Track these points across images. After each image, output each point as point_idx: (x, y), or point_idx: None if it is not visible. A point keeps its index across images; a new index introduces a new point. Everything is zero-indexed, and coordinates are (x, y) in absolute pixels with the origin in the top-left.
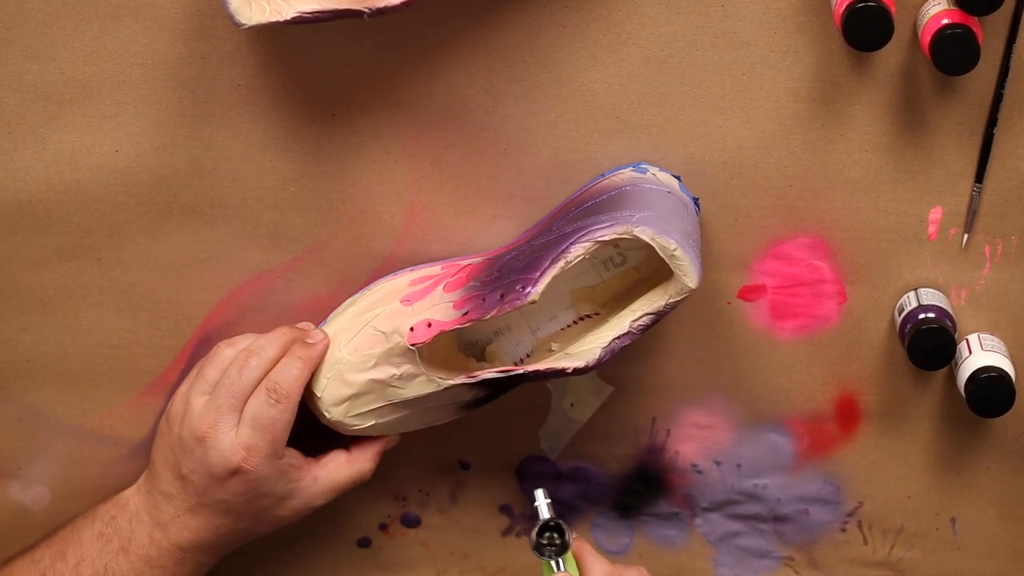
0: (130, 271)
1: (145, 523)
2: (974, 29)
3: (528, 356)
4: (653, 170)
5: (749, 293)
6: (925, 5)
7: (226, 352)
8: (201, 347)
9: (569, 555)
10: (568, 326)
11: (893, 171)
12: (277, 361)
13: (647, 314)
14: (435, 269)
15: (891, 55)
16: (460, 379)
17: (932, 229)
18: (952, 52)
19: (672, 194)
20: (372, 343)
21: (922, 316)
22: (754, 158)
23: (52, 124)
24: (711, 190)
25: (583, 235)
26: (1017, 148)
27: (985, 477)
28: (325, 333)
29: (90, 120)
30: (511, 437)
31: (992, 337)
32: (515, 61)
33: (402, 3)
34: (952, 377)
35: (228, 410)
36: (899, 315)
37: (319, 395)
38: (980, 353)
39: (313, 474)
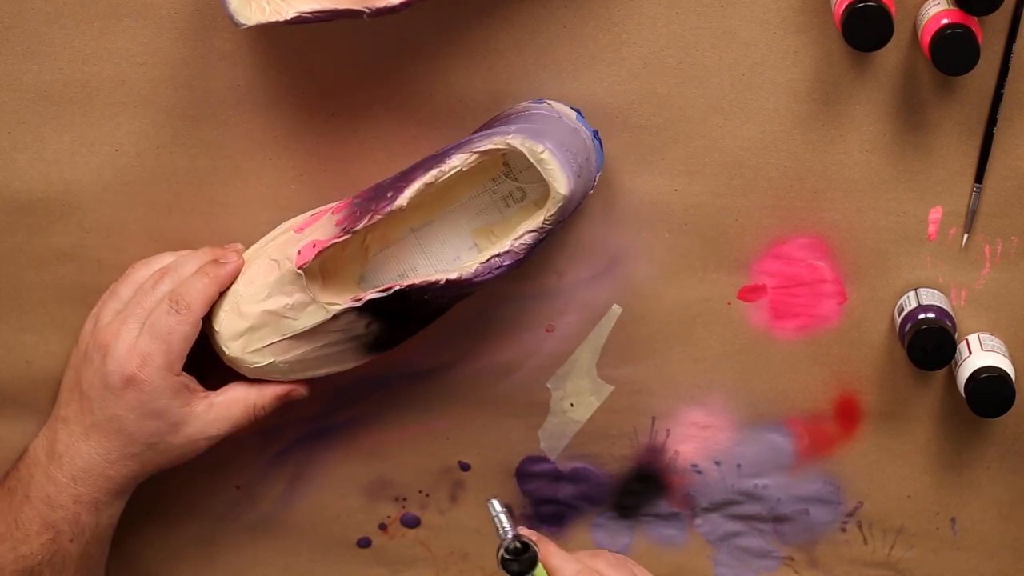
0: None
1: (42, 463)
2: (974, 29)
3: None
4: (551, 102)
5: (749, 293)
6: (925, 5)
7: (141, 271)
8: (202, 347)
9: (539, 567)
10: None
11: (893, 171)
12: None
13: (528, 232)
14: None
15: (891, 55)
16: (347, 303)
17: (932, 229)
18: (952, 52)
19: (562, 118)
20: (266, 272)
21: (922, 316)
22: (754, 158)
23: (52, 124)
24: (711, 190)
25: (460, 147)
26: (1017, 148)
27: (985, 477)
28: (241, 256)
29: (90, 120)
30: (511, 437)
31: (992, 337)
32: (515, 61)
33: (402, 3)
34: (952, 377)
35: (133, 321)
36: (899, 315)
37: (218, 329)
38: (980, 353)
39: (209, 400)
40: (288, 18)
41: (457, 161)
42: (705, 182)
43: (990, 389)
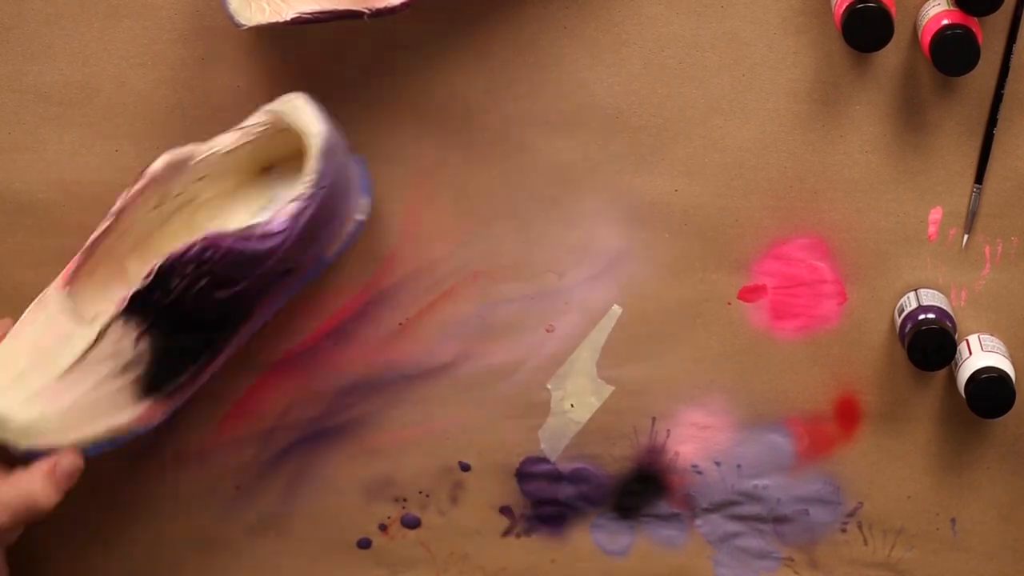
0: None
1: None
2: (974, 29)
3: None
4: None
5: (749, 294)
6: (925, 5)
7: None
8: None
9: None
10: None
11: (893, 171)
12: None
13: (292, 200)
14: None
15: (891, 56)
16: (113, 308)
17: (932, 229)
18: (952, 52)
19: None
20: (32, 314)
21: (922, 317)
22: (754, 159)
23: (52, 124)
24: (711, 190)
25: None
26: (1017, 148)
27: (985, 477)
28: (11, 321)
29: (90, 120)
30: (511, 438)
31: (992, 338)
32: (515, 62)
33: (402, 3)
34: (952, 378)
35: None
36: (899, 315)
37: None
38: (980, 354)
39: None
40: (288, 19)
41: (218, 140)
42: (705, 182)
43: (990, 390)
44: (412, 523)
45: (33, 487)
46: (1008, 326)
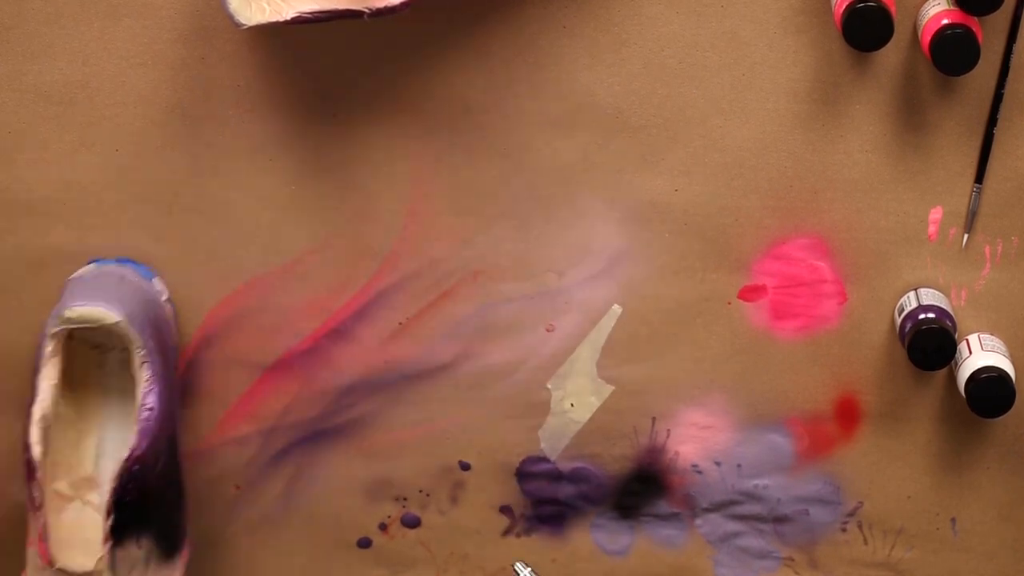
0: None
1: None
2: (974, 29)
3: None
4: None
5: (749, 293)
6: (925, 5)
7: None
8: (202, 348)
9: None
10: None
11: (893, 171)
12: None
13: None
14: None
15: (891, 55)
16: (103, 549)
17: (932, 229)
18: (952, 52)
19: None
20: None
21: (922, 316)
22: (754, 158)
23: (52, 124)
24: (711, 190)
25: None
26: (1017, 148)
27: (985, 477)
28: None
29: (90, 120)
30: (511, 437)
31: (992, 337)
32: (515, 62)
33: (402, 3)
34: (952, 377)
35: None
36: (899, 315)
37: None
38: (980, 353)
39: None
40: (288, 18)
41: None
42: (705, 182)
43: (990, 389)
44: (412, 523)
45: None
46: (1008, 326)
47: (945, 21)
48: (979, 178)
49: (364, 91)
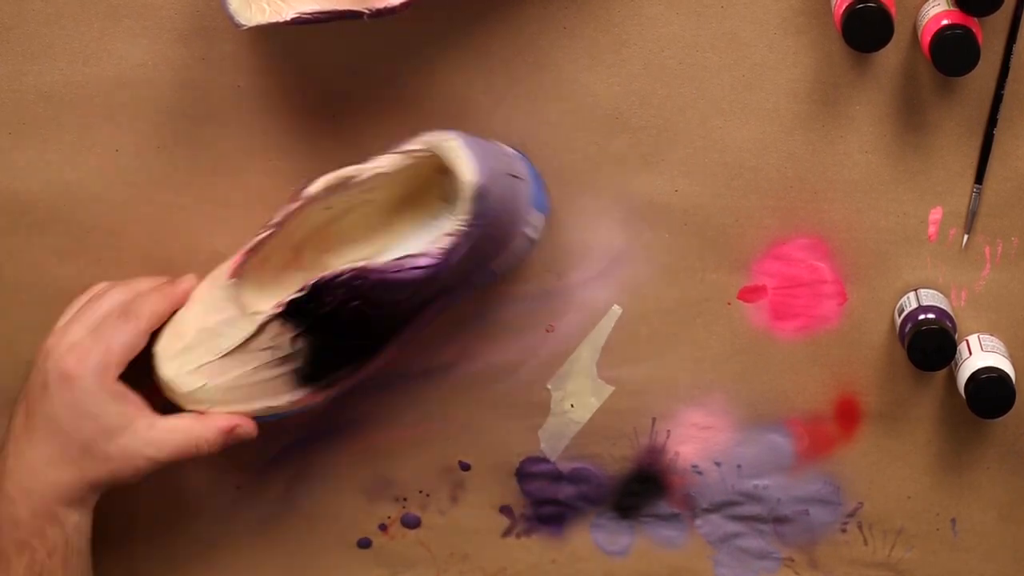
0: (130, 271)
1: None
2: (974, 29)
3: None
4: (499, 143)
5: (749, 294)
6: (925, 5)
7: (101, 288)
8: None
9: None
10: None
11: (893, 172)
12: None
13: (445, 234)
14: None
15: (891, 56)
16: (270, 309)
17: (932, 230)
18: (952, 52)
19: (499, 146)
20: (207, 292)
21: (922, 317)
22: (754, 159)
23: (52, 124)
24: (711, 190)
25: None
26: (1017, 148)
27: (985, 477)
28: (196, 279)
29: (90, 120)
30: (511, 437)
31: (992, 338)
32: (515, 62)
33: (402, 3)
34: (952, 378)
35: (78, 325)
36: (899, 316)
37: (156, 350)
38: (980, 354)
39: (151, 419)
40: (288, 19)
41: (379, 162)
42: (705, 182)
43: (990, 390)
44: (412, 523)
45: (205, 435)
46: (1008, 326)
47: (945, 22)
48: (979, 178)
49: (364, 91)
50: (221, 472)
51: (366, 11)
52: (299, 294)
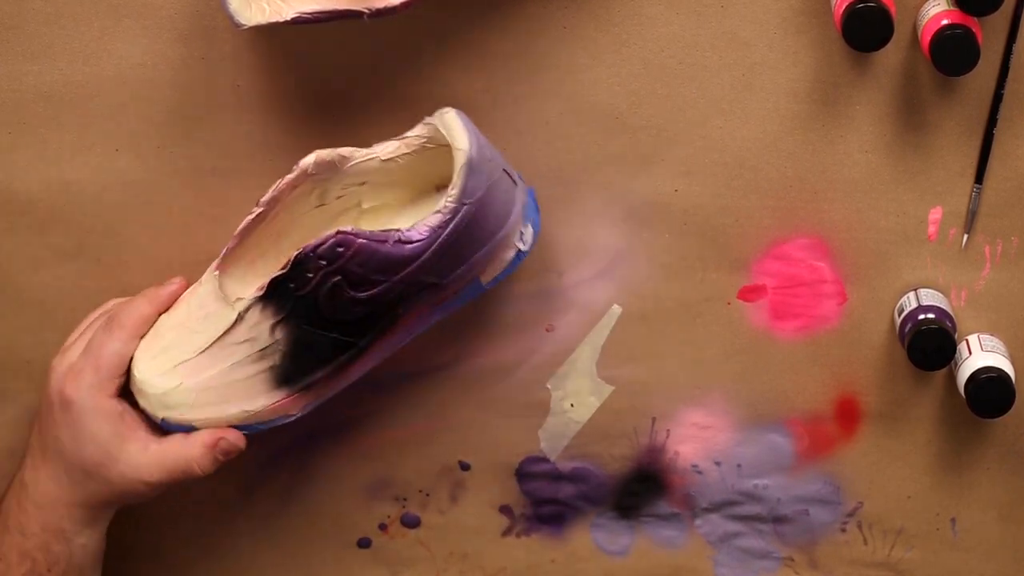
0: (130, 271)
1: (16, 492)
2: (974, 29)
3: None
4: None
5: (749, 293)
6: (925, 5)
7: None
8: None
9: None
10: None
11: (893, 171)
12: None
13: (435, 212)
14: None
15: (891, 56)
16: (251, 293)
17: (932, 229)
18: (952, 52)
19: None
20: (190, 291)
21: (922, 317)
22: (754, 159)
23: (52, 124)
24: (711, 190)
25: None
26: (1017, 148)
27: (985, 477)
28: (185, 282)
29: (90, 120)
30: (511, 437)
31: (992, 338)
32: (515, 62)
33: (402, 3)
34: (952, 378)
35: (77, 345)
36: (899, 315)
37: (136, 353)
38: (980, 354)
39: (145, 441)
40: (288, 18)
41: (375, 147)
42: (705, 182)
43: (990, 390)
44: (412, 522)
45: (192, 453)
46: (1008, 326)
47: (945, 21)
48: (979, 178)
49: (364, 91)
50: (221, 472)
51: (366, 11)
52: (282, 271)
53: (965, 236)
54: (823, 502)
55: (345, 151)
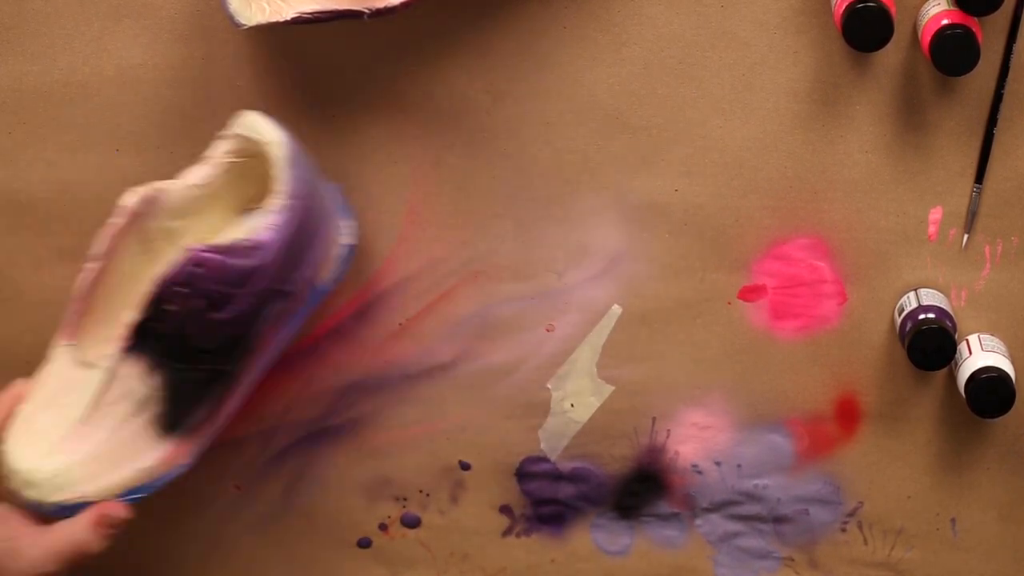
0: None
1: None
2: (974, 29)
3: None
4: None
5: (749, 293)
6: (925, 5)
7: None
8: None
9: None
10: None
11: (893, 171)
12: None
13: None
14: None
15: (891, 55)
16: (113, 347)
17: (932, 229)
18: (952, 52)
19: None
20: (44, 376)
21: (922, 316)
22: (754, 158)
23: (52, 124)
24: (711, 190)
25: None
26: (1017, 148)
27: (985, 477)
28: (24, 380)
29: (90, 120)
30: (511, 437)
31: (992, 337)
32: (515, 61)
33: (402, 3)
34: (952, 377)
35: None
36: (899, 315)
37: (5, 448)
38: (980, 354)
39: (33, 536)
40: (288, 18)
41: (189, 175)
42: (705, 182)
43: (990, 390)
44: (412, 523)
45: (80, 536)
46: (1008, 326)
47: (945, 21)
48: (979, 178)
49: (364, 91)
50: (221, 472)
51: (366, 11)
52: (141, 315)
53: (965, 236)
54: (823, 502)
55: (160, 184)
